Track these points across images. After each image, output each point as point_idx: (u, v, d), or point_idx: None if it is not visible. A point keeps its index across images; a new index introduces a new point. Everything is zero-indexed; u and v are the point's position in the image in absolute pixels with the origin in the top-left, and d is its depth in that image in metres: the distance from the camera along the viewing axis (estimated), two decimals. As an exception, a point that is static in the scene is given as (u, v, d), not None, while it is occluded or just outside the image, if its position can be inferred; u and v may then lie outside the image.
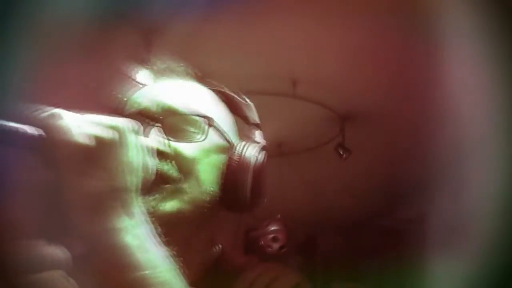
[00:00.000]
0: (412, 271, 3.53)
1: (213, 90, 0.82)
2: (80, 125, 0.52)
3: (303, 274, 0.76)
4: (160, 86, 0.78)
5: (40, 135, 0.49)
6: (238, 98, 0.84)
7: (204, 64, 0.81)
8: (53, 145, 0.50)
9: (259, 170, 0.75)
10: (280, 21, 2.50)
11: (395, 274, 3.84)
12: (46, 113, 0.51)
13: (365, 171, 3.98)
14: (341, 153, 3.41)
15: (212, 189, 0.73)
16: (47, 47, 2.10)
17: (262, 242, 3.67)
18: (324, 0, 2.35)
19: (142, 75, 0.79)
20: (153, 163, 0.61)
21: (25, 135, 0.49)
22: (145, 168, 0.58)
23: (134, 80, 0.79)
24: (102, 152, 0.52)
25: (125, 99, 0.76)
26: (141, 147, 0.58)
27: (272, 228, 3.72)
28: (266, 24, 2.52)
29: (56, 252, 0.50)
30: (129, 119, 0.58)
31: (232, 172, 0.74)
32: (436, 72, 2.36)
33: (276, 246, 3.69)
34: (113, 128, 0.54)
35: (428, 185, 3.61)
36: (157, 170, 0.63)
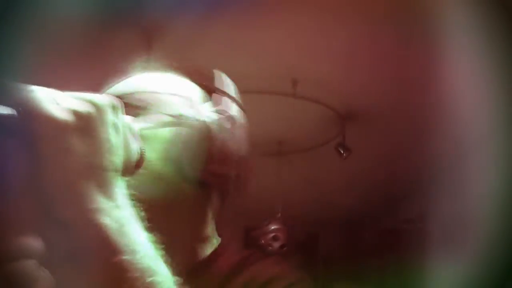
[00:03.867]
0: (412, 271, 3.53)
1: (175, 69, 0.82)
2: (56, 100, 0.50)
3: (303, 272, 0.75)
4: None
5: (15, 112, 0.48)
6: (201, 71, 0.82)
7: (204, 64, 0.81)
8: (28, 120, 0.48)
9: (221, 139, 0.74)
10: (281, 20, 2.50)
11: (395, 273, 3.84)
12: (21, 90, 0.49)
13: (365, 171, 3.98)
14: (342, 152, 3.41)
15: (182, 168, 0.72)
16: (47, 46, 2.11)
17: (263, 241, 3.67)
18: (325, 0, 2.35)
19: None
20: (136, 143, 0.59)
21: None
22: (127, 147, 0.56)
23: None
24: (79, 127, 0.50)
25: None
26: (122, 125, 0.56)
27: (273, 227, 3.73)
28: (267, 24, 2.52)
29: (29, 241, 0.48)
30: (109, 96, 0.56)
31: (195, 146, 0.73)
32: (436, 72, 2.36)
33: (276, 245, 3.70)
34: (90, 102, 0.52)
35: (428, 185, 3.61)
36: (141, 152, 0.61)
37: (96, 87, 0.57)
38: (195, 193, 0.74)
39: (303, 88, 3.03)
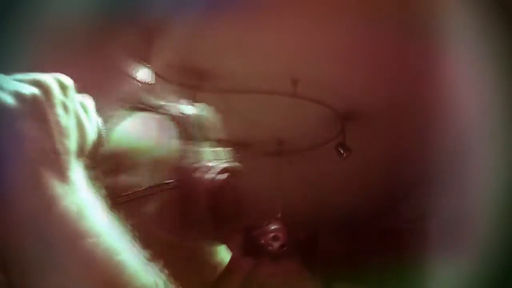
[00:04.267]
0: (412, 271, 3.53)
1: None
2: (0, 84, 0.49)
3: (307, 276, 0.74)
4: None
5: None
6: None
7: (204, 64, 0.81)
8: None
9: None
10: (281, 20, 2.50)
11: (395, 274, 3.84)
12: None
13: (365, 170, 3.98)
14: (342, 152, 3.41)
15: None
16: (47, 46, 2.10)
17: (262, 241, 3.67)
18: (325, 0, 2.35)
19: (142, 73, 0.78)
20: (93, 123, 0.56)
21: None
22: (81, 128, 0.53)
23: (134, 78, 0.78)
24: (25, 111, 0.48)
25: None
26: (74, 104, 0.53)
27: (273, 227, 3.73)
28: (267, 23, 2.52)
29: None
30: (59, 74, 0.53)
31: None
32: (436, 72, 2.36)
33: (276, 245, 3.70)
34: (35, 83, 0.50)
35: (428, 185, 3.61)
36: (102, 136, 0.58)
37: (96, 87, 0.56)
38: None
39: (303, 88, 3.03)
